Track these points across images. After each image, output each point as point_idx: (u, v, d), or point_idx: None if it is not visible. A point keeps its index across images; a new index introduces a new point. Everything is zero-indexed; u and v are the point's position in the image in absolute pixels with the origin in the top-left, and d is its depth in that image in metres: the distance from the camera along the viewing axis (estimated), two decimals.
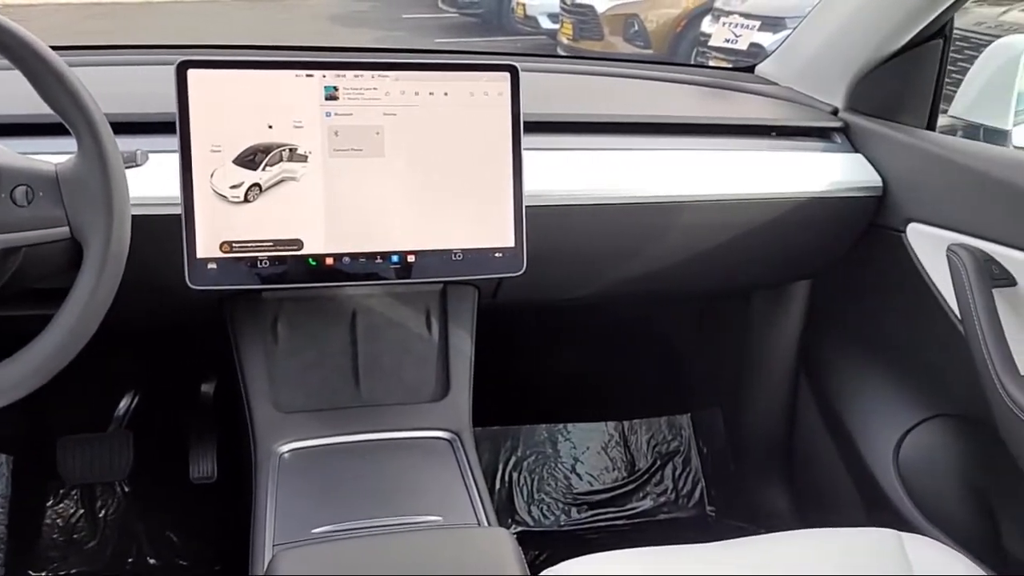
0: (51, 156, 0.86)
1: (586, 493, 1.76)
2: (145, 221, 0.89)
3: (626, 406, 1.81)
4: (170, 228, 0.95)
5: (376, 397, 1.13)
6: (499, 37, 8.43)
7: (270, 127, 0.97)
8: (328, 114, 0.98)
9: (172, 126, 0.95)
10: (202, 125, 0.95)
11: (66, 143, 0.84)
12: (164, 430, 1.59)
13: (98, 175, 0.82)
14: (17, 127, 0.98)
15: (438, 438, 1.11)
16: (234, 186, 0.96)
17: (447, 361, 1.15)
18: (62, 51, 0.83)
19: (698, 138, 1.27)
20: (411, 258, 1.02)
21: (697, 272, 1.31)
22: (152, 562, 1.55)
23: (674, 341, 1.76)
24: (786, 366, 1.55)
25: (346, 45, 1.80)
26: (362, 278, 1.02)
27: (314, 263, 0.99)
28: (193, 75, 0.94)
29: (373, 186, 1.00)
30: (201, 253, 0.96)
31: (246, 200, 0.96)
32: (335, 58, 1.01)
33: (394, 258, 1.01)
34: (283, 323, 1.11)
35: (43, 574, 1.52)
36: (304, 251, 0.99)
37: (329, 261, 1.00)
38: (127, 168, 0.86)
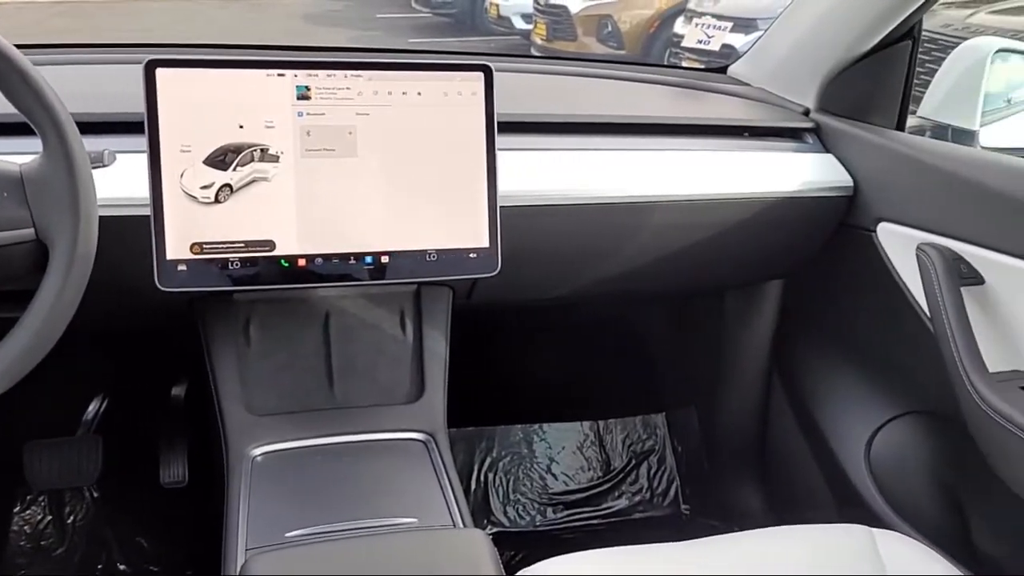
0: (16, 156, 0.85)
1: (561, 493, 1.76)
2: (113, 222, 0.88)
3: (601, 406, 1.81)
4: (139, 229, 0.94)
5: (350, 399, 1.12)
6: (472, 37, 8.42)
7: (241, 127, 0.96)
8: (300, 114, 0.97)
9: (141, 126, 0.93)
10: (171, 125, 0.94)
11: (32, 143, 0.83)
12: (134, 434, 1.57)
13: (64, 175, 0.81)
14: None
15: (413, 439, 1.10)
16: (204, 187, 0.95)
17: (422, 362, 1.15)
18: (27, 49, 0.82)
19: (671, 138, 1.27)
20: (385, 259, 1.01)
21: (670, 272, 1.31)
22: (122, 568, 1.53)
23: (649, 341, 1.76)
24: (759, 365, 1.56)
25: (319, 45, 1.78)
26: (335, 279, 1.01)
27: (286, 264, 0.98)
28: (162, 74, 0.93)
29: (346, 186, 0.99)
30: (171, 254, 0.94)
31: (217, 201, 0.95)
32: (307, 57, 1.01)
33: (368, 259, 1.01)
34: (255, 325, 1.10)
35: None
36: (276, 252, 0.98)
37: (302, 262, 0.99)
38: (94, 168, 0.84)
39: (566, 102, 1.36)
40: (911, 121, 1.33)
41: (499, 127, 1.03)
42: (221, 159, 0.95)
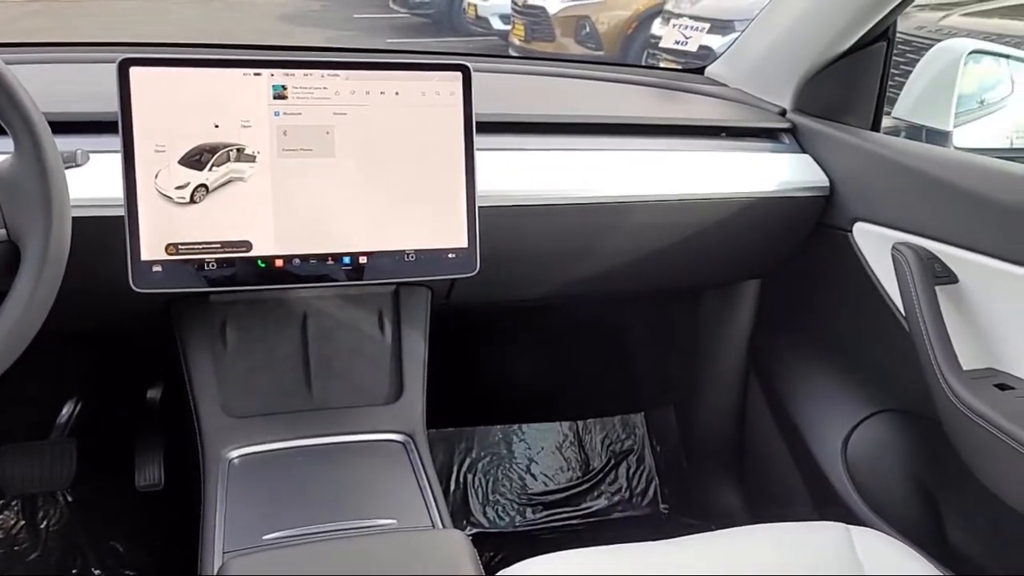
0: None
1: (541, 493, 1.76)
2: (86, 223, 0.87)
3: (580, 406, 1.82)
4: (113, 230, 0.93)
5: (328, 400, 1.12)
6: (451, 38, 8.41)
7: (217, 127, 0.95)
8: (277, 113, 0.97)
9: (114, 126, 0.92)
10: (145, 124, 0.93)
11: (2, 143, 0.82)
12: (109, 437, 1.56)
13: (35, 176, 0.80)
14: None
15: (392, 441, 1.10)
16: (179, 187, 0.94)
17: (400, 363, 1.14)
18: None
19: (649, 139, 1.28)
20: (363, 259, 1.01)
21: (648, 272, 1.32)
22: (97, 573, 1.52)
23: (627, 341, 1.77)
24: (737, 364, 1.57)
25: (296, 44, 1.78)
26: (313, 280, 1.00)
27: (263, 265, 0.98)
28: (136, 73, 0.92)
29: (324, 187, 0.99)
30: (145, 255, 0.93)
31: (192, 201, 0.94)
32: (284, 57, 1.00)
33: (346, 259, 1.00)
34: (232, 326, 1.09)
35: None
36: (253, 253, 0.97)
37: (279, 263, 0.98)
38: (67, 168, 0.83)
39: (544, 102, 1.36)
40: (886, 122, 1.34)
41: (477, 127, 1.03)
42: (196, 159, 0.94)
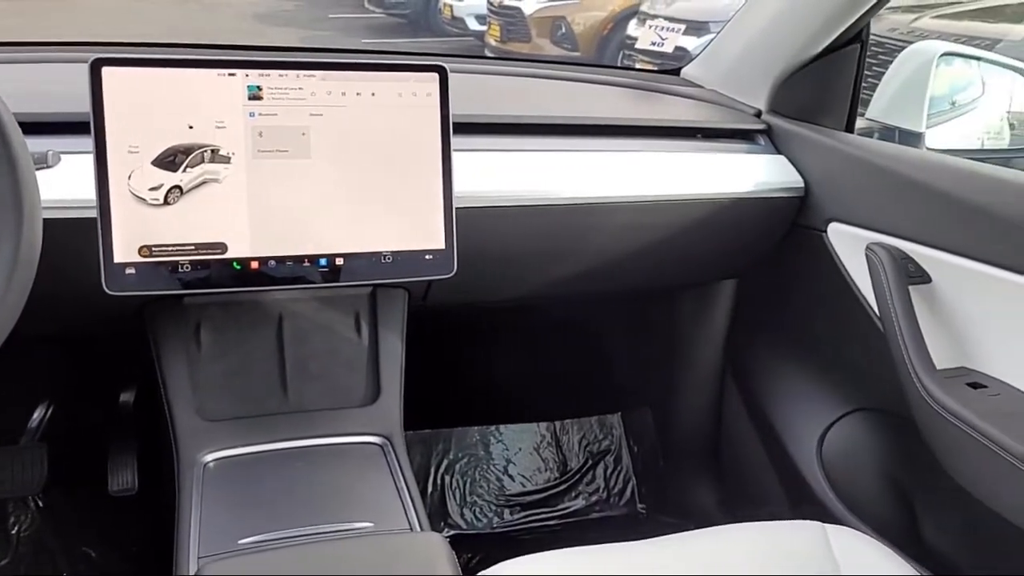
0: None
1: (519, 494, 1.76)
2: (58, 225, 0.86)
3: (558, 407, 1.82)
4: (86, 232, 0.92)
5: (304, 403, 1.11)
6: (426, 38, 8.39)
7: (191, 127, 0.94)
8: (252, 114, 0.96)
9: (86, 126, 0.91)
10: (118, 125, 0.92)
11: None
12: (81, 441, 1.54)
13: (5, 177, 0.78)
14: None
15: (369, 443, 1.09)
16: (153, 188, 0.93)
17: (377, 365, 1.14)
18: None
19: (625, 139, 1.28)
20: (339, 261, 1.00)
21: (624, 272, 1.32)
22: None
23: (604, 341, 1.77)
24: (713, 364, 1.57)
25: (270, 44, 1.76)
26: (289, 282, 1.00)
27: (239, 267, 0.97)
28: (108, 73, 0.91)
29: (299, 188, 0.98)
30: (119, 258, 0.92)
31: (166, 203, 0.93)
32: (259, 57, 0.99)
33: (322, 261, 0.99)
34: (206, 328, 1.08)
35: None
36: (228, 255, 0.96)
37: (254, 265, 0.97)
38: (38, 170, 0.82)
39: (521, 103, 1.36)
40: (860, 123, 1.35)
41: (454, 128, 1.03)
42: (170, 160, 0.93)
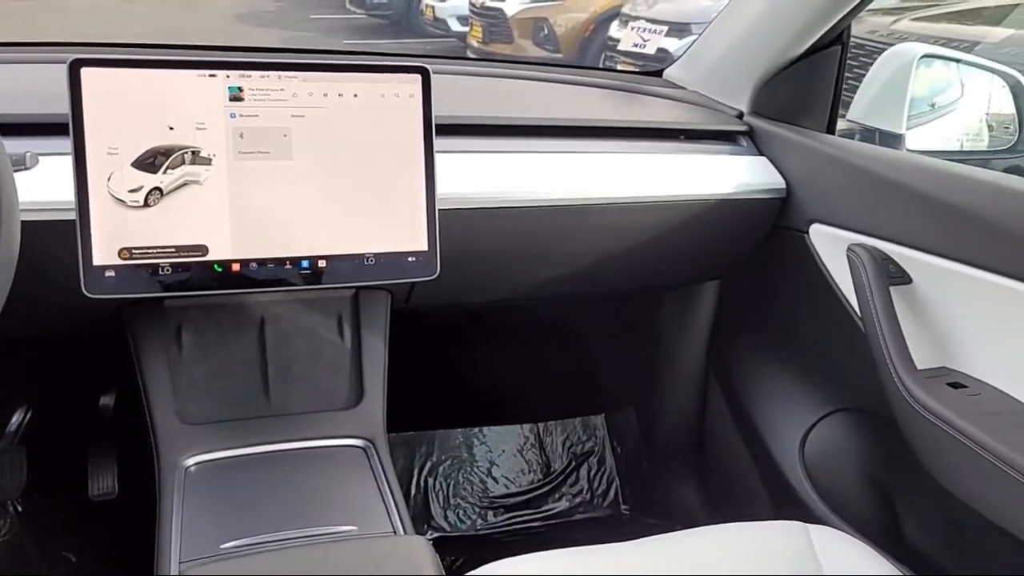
0: None
1: (502, 496, 1.76)
2: (37, 227, 0.85)
3: (541, 408, 1.82)
4: (65, 234, 0.91)
5: (286, 406, 1.10)
6: (408, 39, 8.38)
7: (171, 128, 0.93)
8: (233, 115, 0.95)
9: (65, 127, 0.90)
10: (97, 126, 0.91)
11: None
12: (60, 445, 1.52)
13: None
14: None
15: (352, 446, 1.09)
16: (133, 190, 0.92)
17: (360, 367, 1.13)
18: None
19: (607, 141, 1.28)
20: (322, 263, 0.99)
21: (607, 273, 1.32)
22: None
23: (587, 342, 1.77)
24: (696, 365, 1.58)
25: (251, 45, 1.75)
26: (271, 285, 0.99)
27: (220, 269, 0.96)
28: (87, 74, 0.90)
29: (281, 190, 0.97)
30: (98, 260, 0.91)
31: (146, 204, 0.93)
32: (240, 58, 0.99)
33: (304, 264, 0.99)
34: (187, 331, 1.07)
35: None
36: (209, 257, 0.95)
37: (236, 267, 0.97)
38: (15, 171, 0.81)
39: (503, 105, 1.36)
40: (841, 124, 1.36)
41: (436, 129, 1.02)
42: (150, 162, 0.92)
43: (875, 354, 1.12)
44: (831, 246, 1.24)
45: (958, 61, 1.47)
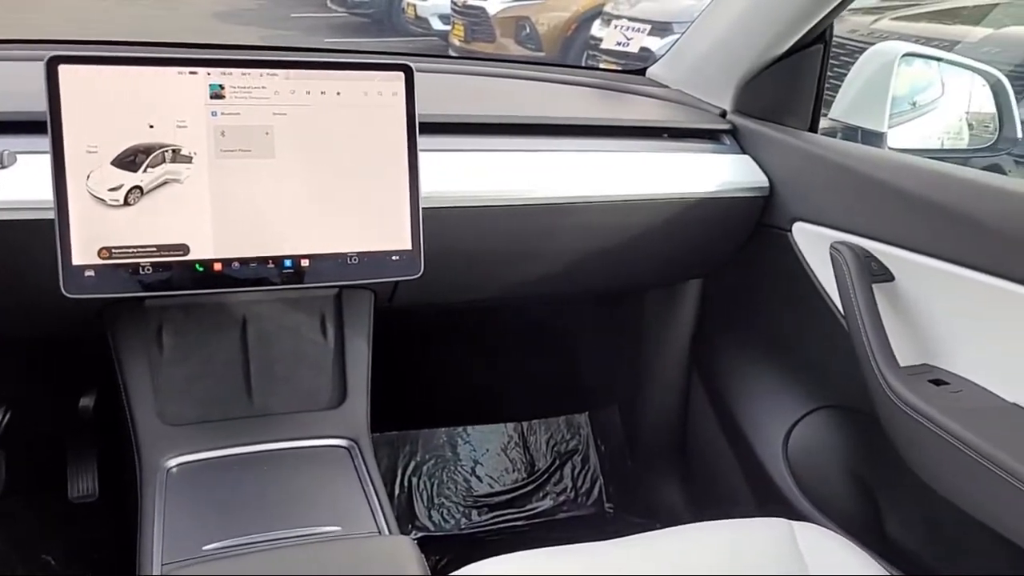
0: None
1: (486, 495, 1.76)
2: (14, 226, 0.84)
3: (525, 407, 1.82)
4: (43, 233, 0.90)
5: (269, 406, 1.10)
6: (390, 38, 8.35)
7: (151, 127, 0.92)
8: (214, 113, 0.94)
9: (43, 126, 0.89)
10: (76, 125, 0.90)
11: None
12: (39, 447, 1.51)
13: None
14: None
15: (335, 446, 1.08)
16: (113, 189, 0.91)
17: (343, 367, 1.13)
18: None
19: (590, 139, 1.28)
20: (304, 263, 0.99)
21: (591, 272, 1.32)
22: None
23: (571, 341, 1.77)
24: (679, 363, 1.58)
25: (233, 43, 1.74)
26: (253, 284, 0.98)
27: (201, 269, 0.95)
28: (65, 71, 0.89)
29: (263, 188, 0.96)
30: (77, 260, 0.90)
31: (126, 203, 0.92)
32: (221, 55, 0.98)
33: (287, 263, 0.98)
34: (168, 331, 1.06)
35: None
36: (190, 256, 0.95)
37: (217, 267, 0.96)
38: None
39: (486, 103, 1.35)
40: (823, 123, 1.36)
41: (420, 128, 1.02)
42: (131, 160, 0.91)
43: (858, 351, 1.12)
44: (814, 244, 1.24)
45: (939, 60, 1.48)
